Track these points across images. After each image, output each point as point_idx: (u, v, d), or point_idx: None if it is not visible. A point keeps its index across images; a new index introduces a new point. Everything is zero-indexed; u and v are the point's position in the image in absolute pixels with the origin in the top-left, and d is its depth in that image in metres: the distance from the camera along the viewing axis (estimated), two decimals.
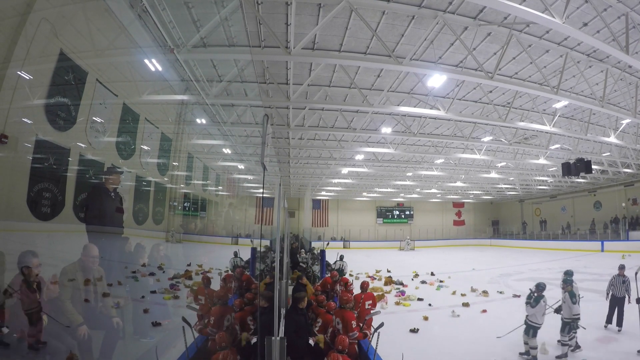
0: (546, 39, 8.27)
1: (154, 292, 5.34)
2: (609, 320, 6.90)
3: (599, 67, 9.39)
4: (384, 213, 37.88)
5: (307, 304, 4.60)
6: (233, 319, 4.20)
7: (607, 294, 7.00)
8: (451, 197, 35.70)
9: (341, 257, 11.38)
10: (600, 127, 14.03)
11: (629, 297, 6.66)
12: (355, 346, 4.51)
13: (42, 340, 2.61)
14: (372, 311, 5.69)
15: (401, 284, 12.43)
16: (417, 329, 7.16)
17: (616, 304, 6.82)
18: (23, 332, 2.62)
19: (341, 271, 6.90)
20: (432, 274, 14.53)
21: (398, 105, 11.49)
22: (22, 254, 2.65)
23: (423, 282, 13.15)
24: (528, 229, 33.97)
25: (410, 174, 23.03)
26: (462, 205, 39.28)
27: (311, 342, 4.37)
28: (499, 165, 20.72)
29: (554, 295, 10.45)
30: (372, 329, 4.65)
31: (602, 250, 22.70)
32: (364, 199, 36.46)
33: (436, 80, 8.90)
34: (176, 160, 7.67)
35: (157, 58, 5.87)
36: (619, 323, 6.72)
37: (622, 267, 7.05)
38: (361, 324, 4.64)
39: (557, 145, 15.90)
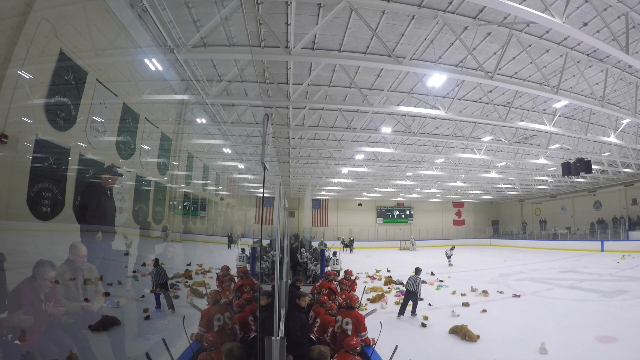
0: (546, 39, 8.27)
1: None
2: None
3: (599, 66, 9.39)
4: (384, 213, 37.89)
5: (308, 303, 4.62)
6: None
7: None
8: (451, 196, 35.71)
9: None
10: (600, 127, 14.03)
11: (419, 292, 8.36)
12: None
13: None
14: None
15: (401, 283, 12.42)
16: None
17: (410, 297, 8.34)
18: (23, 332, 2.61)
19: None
20: (432, 273, 14.54)
21: (398, 105, 11.48)
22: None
23: (423, 281, 13.13)
24: (528, 228, 33.99)
25: (410, 173, 23.02)
26: (462, 205, 39.28)
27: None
28: (499, 165, 20.72)
29: (554, 294, 10.55)
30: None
31: (602, 250, 22.73)
32: (364, 198, 36.47)
33: (436, 80, 8.88)
34: (176, 160, 7.67)
35: (157, 58, 5.86)
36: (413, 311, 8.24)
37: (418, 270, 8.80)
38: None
39: (557, 145, 15.90)
